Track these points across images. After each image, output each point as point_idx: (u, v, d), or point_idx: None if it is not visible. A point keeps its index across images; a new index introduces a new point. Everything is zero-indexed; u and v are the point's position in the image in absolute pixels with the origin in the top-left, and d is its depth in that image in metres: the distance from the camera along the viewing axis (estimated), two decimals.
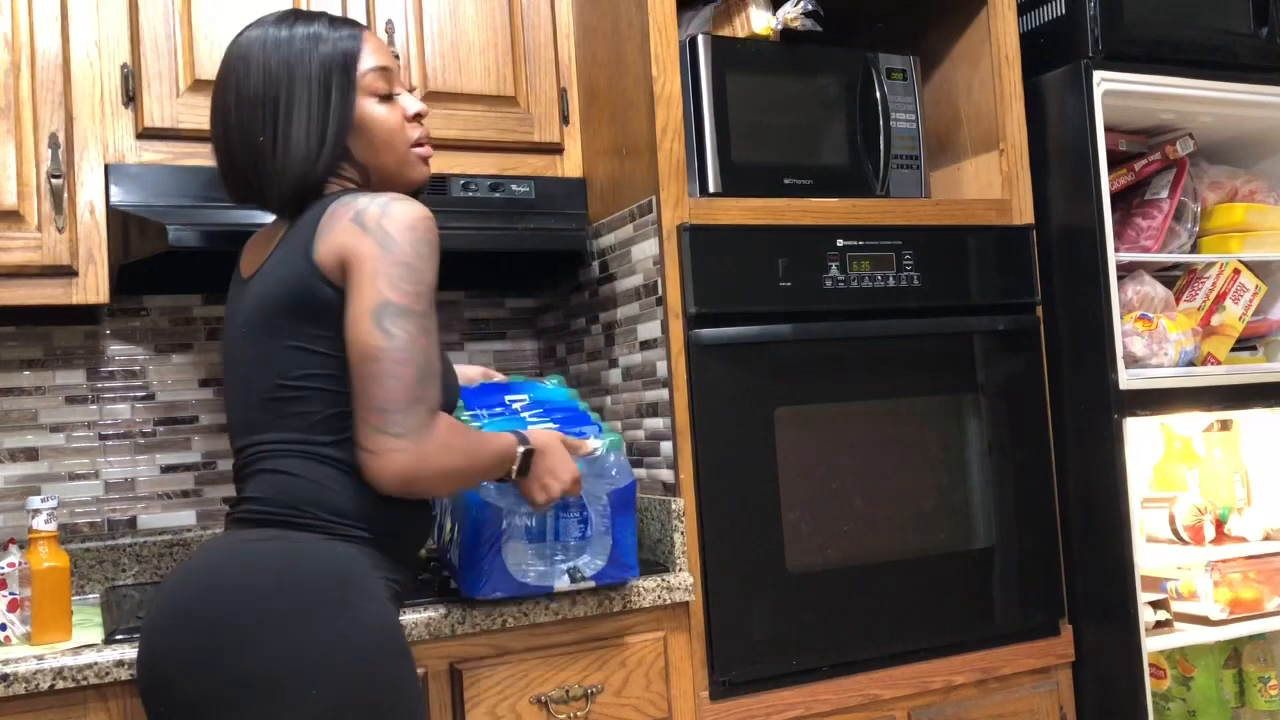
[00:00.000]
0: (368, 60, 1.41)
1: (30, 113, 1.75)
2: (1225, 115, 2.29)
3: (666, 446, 1.83)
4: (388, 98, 1.43)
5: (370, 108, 1.41)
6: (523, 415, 1.64)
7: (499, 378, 1.83)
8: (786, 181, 1.98)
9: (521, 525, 1.54)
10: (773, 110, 1.99)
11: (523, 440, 1.44)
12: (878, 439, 1.95)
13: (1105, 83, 2.07)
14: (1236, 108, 2.26)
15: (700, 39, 1.93)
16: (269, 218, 1.49)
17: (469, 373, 1.81)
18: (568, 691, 1.66)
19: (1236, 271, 2.32)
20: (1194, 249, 2.34)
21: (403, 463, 1.25)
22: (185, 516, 2.11)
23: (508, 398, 1.68)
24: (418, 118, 1.46)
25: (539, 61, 2.07)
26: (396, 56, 1.94)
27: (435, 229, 1.31)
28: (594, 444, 1.58)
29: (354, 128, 1.39)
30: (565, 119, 2.09)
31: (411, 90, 1.51)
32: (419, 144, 1.46)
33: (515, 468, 1.43)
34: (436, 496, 1.38)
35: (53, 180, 1.74)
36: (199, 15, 1.84)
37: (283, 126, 1.36)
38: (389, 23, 1.95)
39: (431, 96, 1.98)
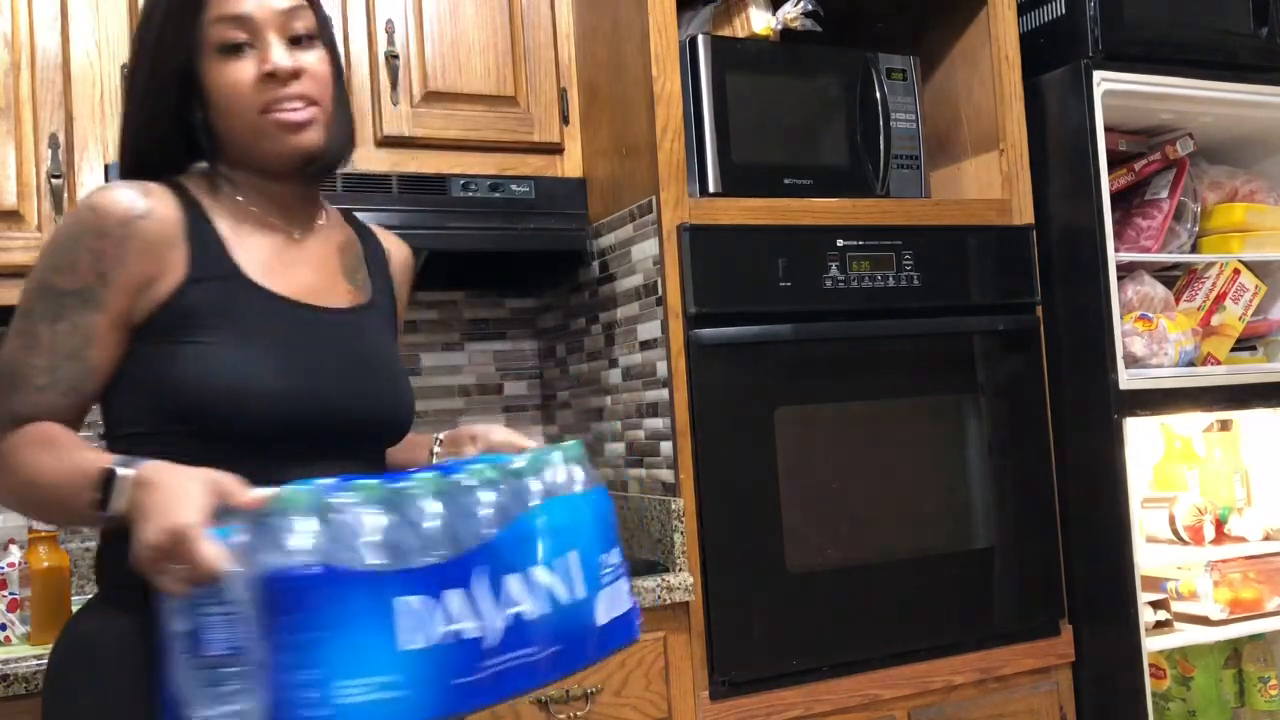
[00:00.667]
0: (217, 5, 1.14)
1: (30, 113, 1.75)
2: (1225, 115, 2.29)
3: (666, 446, 1.83)
4: (234, 51, 1.14)
5: (210, 66, 1.14)
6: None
7: (528, 444, 1.25)
8: (786, 181, 1.98)
9: (176, 630, 0.92)
10: (773, 110, 1.99)
11: (124, 464, 0.99)
12: (878, 439, 1.95)
13: (1105, 83, 2.07)
14: (1236, 108, 2.26)
15: (700, 39, 1.93)
16: None
17: (493, 437, 1.28)
18: (568, 692, 1.66)
19: (1236, 271, 2.32)
20: (1194, 249, 2.34)
21: None
22: None
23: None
24: (273, 77, 1.14)
25: (539, 61, 2.07)
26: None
27: (96, 214, 1.10)
28: (257, 494, 0.94)
29: (201, 93, 1.15)
30: (565, 119, 2.09)
31: (303, 42, 1.18)
32: (282, 105, 1.15)
33: (97, 498, 0.98)
34: (21, 515, 1.14)
35: (53, 180, 1.74)
36: None
37: (126, 98, 1.20)
38: (389, 22, 1.95)
39: (431, 96, 1.97)
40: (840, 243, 1.92)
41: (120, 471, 0.97)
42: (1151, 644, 2.05)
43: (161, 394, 1.11)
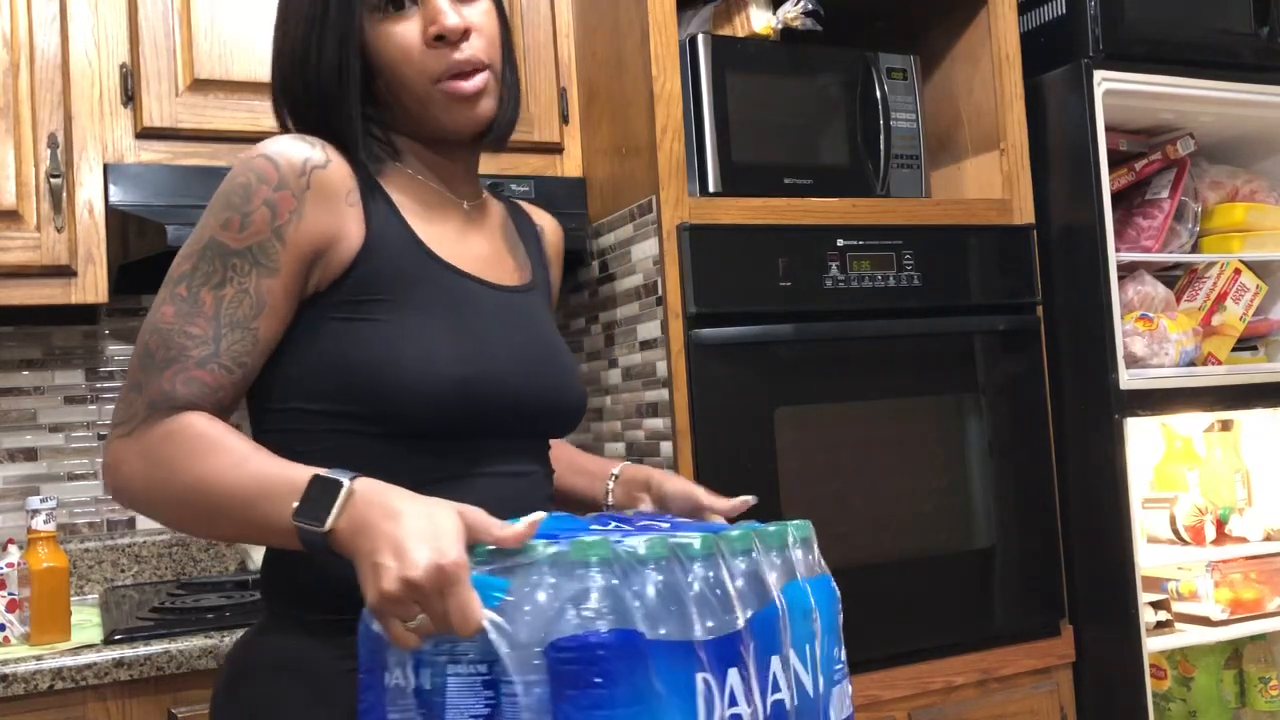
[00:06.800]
0: None
1: (29, 112, 1.75)
2: (1226, 115, 2.28)
3: (666, 446, 1.83)
4: (396, 7, 1.03)
5: (372, 26, 1.04)
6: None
7: (704, 497, 1.19)
8: (786, 181, 1.98)
9: (396, 685, 0.80)
10: (773, 110, 1.99)
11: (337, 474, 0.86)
12: (878, 439, 1.95)
13: (1106, 82, 2.06)
14: (1237, 107, 2.25)
15: (700, 38, 1.93)
16: None
17: (667, 486, 1.18)
18: None
19: (1237, 271, 2.32)
20: (1195, 249, 2.34)
21: (104, 459, 0.96)
22: None
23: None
24: (442, 39, 1.03)
25: (538, 61, 2.07)
26: None
27: (273, 164, 0.98)
28: (518, 526, 0.82)
29: (365, 55, 1.04)
30: (565, 118, 2.08)
31: None
32: (455, 74, 1.04)
33: (294, 509, 0.85)
34: (166, 525, 0.98)
35: (52, 180, 1.74)
36: (198, 15, 1.84)
37: (282, 53, 1.09)
38: None
39: None
40: (840, 242, 1.92)
41: (345, 482, 0.84)
42: (1152, 644, 2.05)
43: (331, 374, 0.99)
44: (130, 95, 1.80)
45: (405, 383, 0.97)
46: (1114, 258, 2.06)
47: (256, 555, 2.04)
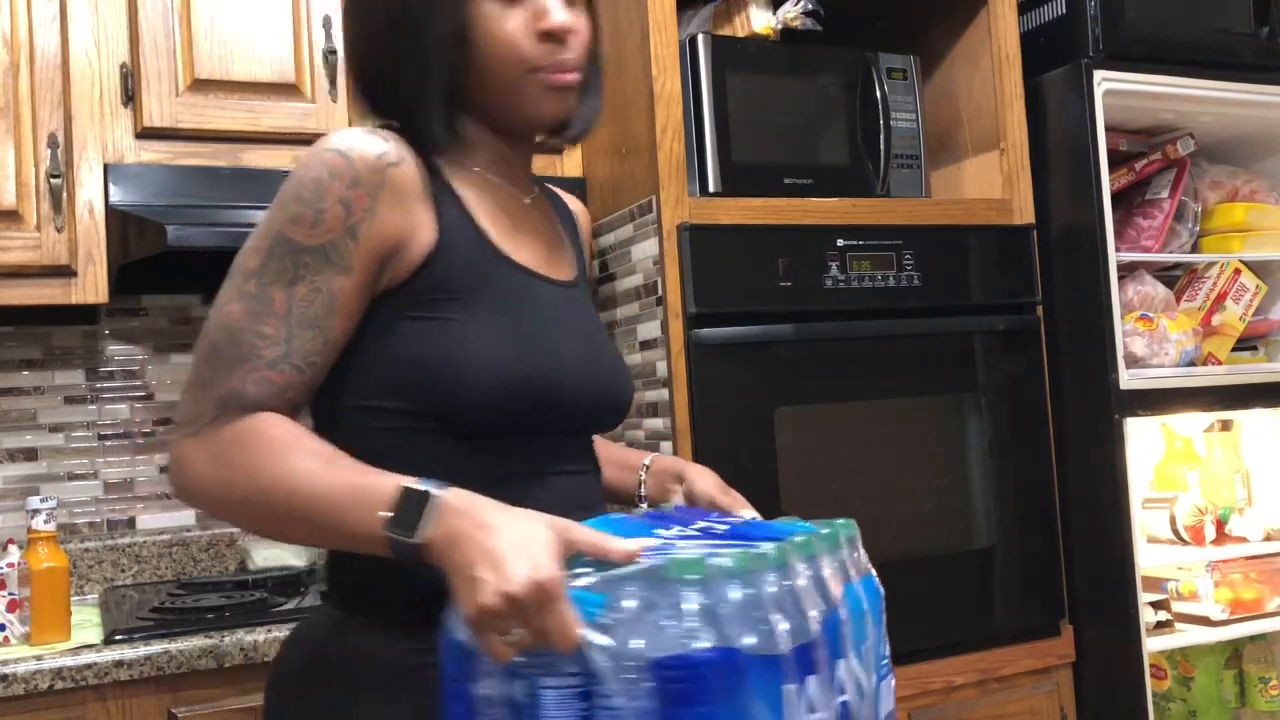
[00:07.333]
0: None
1: (29, 112, 1.75)
2: (1226, 115, 2.28)
3: (666, 447, 1.83)
4: None
5: (479, 12, 1.01)
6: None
7: (734, 499, 1.25)
8: (786, 181, 1.98)
9: (486, 695, 0.81)
10: (773, 110, 1.99)
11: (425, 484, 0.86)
12: (878, 439, 1.95)
13: (1106, 82, 2.06)
14: (1237, 107, 2.25)
15: (700, 38, 1.93)
16: None
17: (697, 486, 1.23)
18: None
19: (1237, 271, 2.32)
20: (1194, 249, 2.34)
21: (170, 458, 0.95)
22: (184, 517, 2.10)
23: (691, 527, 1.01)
24: (550, 36, 1.02)
25: None
26: None
27: (347, 159, 0.96)
28: (630, 545, 0.83)
29: (462, 36, 1.02)
30: None
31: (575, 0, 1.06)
32: (552, 67, 1.03)
33: (386, 520, 0.85)
34: (234, 525, 0.94)
35: (52, 180, 1.74)
36: (198, 15, 1.84)
37: (388, 36, 1.05)
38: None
39: None
40: (840, 242, 1.92)
41: (435, 493, 0.84)
42: (1152, 644, 2.05)
43: (400, 373, 0.98)
44: (130, 95, 1.80)
45: (475, 382, 0.96)
46: (1114, 258, 2.06)
47: (256, 556, 2.04)
